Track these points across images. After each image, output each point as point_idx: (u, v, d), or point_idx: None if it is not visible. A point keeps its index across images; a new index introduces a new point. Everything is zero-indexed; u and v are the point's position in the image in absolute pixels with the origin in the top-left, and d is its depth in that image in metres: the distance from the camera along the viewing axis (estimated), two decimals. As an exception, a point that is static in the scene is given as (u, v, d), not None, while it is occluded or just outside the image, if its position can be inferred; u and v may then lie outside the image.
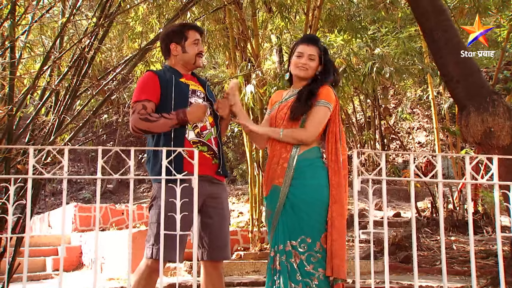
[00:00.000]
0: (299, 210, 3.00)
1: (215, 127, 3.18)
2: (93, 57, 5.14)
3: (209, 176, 3.05)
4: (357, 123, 14.28)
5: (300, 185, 3.04)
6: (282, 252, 2.99)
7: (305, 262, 2.95)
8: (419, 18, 4.49)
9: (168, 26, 3.96)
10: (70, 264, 7.85)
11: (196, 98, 3.14)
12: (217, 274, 3.11)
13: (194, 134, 3.05)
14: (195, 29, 3.24)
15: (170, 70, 3.20)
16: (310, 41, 3.26)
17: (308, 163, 3.08)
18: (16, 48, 4.74)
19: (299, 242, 2.97)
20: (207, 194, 3.02)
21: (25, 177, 2.25)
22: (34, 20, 4.85)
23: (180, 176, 2.24)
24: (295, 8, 7.88)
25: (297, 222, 3.00)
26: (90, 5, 5.50)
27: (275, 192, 3.09)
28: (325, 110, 3.09)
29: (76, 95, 5.06)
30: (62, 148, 2.57)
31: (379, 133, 13.00)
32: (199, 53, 3.21)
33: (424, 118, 15.51)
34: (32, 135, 5.07)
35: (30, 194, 2.23)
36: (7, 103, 4.68)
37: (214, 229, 3.09)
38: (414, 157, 2.19)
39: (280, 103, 3.28)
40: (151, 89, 3.05)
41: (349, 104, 13.09)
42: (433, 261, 7.05)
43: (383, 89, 13.43)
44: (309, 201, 3.01)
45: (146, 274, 2.87)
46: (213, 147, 3.12)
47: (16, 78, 4.77)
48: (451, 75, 4.26)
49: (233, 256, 7.44)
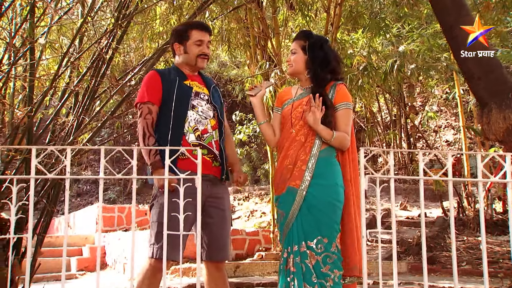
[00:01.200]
0: (317, 210, 2.94)
1: (217, 131, 3.13)
2: (111, 58, 5.17)
3: (210, 176, 3.02)
4: (383, 122, 14.09)
5: (318, 185, 2.97)
6: (297, 253, 2.93)
7: (321, 263, 2.90)
8: (439, 14, 4.38)
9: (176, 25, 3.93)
10: (94, 264, 7.89)
11: (199, 100, 3.10)
12: (219, 275, 3.07)
13: (194, 136, 3.01)
14: (199, 29, 3.15)
15: (175, 70, 3.17)
16: (295, 38, 3.25)
17: (326, 163, 3.02)
18: (36, 50, 4.80)
19: (316, 242, 2.92)
20: (208, 194, 2.98)
21: (27, 177, 2.23)
22: (53, 22, 4.88)
23: (183, 175, 2.20)
24: (316, 6, 7.80)
25: (314, 222, 2.94)
26: (109, 6, 5.51)
27: (291, 194, 3.02)
28: (350, 112, 3.09)
29: (94, 96, 5.09)
30: (74, 148, 2.57)
31: (405, 132, 12.80)
32: (201, 55, 3.14)
33: (452, 116, 15.21)
34: (52, 136, 5.13)
35: (33, 193, 2.22)
36: (27, 104, 4.74)
37: (214, 229, 3.04)
38: (431, 155, 2.11)
39: (292, 101, 3.21)
40: (154, 90, 3.04)
41: (374, 102, 12.93)
42: (459, 262, 6.88)
43: (409, 87, 13.23)
44: (328, 201, 2.95)
45: (149, 274, 2.85)
46: (214, 150, 3.07)
47: (36, 79, 4.82)
48: (472, 72, 4.14)
49: (255, 256, 7.41)
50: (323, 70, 3.11)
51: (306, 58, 3.15)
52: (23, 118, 4.56)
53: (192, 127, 3.02)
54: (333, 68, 3.16)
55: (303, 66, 3.16)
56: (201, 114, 3.07)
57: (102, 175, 2.28)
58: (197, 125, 3.03)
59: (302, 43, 3.16)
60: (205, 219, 3.00)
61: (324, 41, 3.23)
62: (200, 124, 3.05)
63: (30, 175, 2.24)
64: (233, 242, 7.50)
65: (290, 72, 3.24)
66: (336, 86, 3.11)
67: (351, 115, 3.10)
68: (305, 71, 3.17)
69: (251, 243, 7.71)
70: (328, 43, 3.28)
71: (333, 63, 3.16)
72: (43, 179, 4.42)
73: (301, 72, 3.19)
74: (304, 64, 3.15)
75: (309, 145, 3.05)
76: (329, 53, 3.19)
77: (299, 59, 3.16)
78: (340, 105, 3.07)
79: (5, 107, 4.77)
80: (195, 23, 3.28)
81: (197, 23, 3.30)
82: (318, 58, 3.13)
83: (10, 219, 2.17)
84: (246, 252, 7.62)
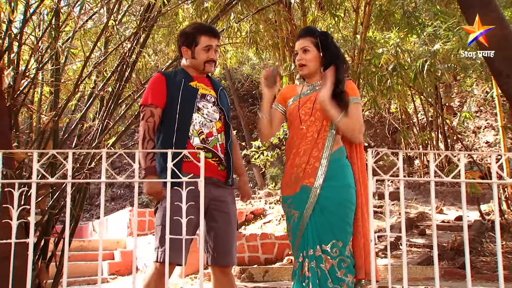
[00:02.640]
0: (330, 213, 2.84)
1: (222, 134, 3.07)
2: (135, 62, 5.19)
3: (213, 179, 2.96)
4: (419, 123, 13.74)
5: (331, 186, 2.87)
6: (312, 258, 2.83)
7: (336, 267, 2.80)
8: (465, 11, 4.25)
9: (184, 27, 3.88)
10: (126, 268, 7.95)
11: (205, 102, 3.05)
12: (226, 280, 3.00)
13: (199, 140, 2.96)
14: (208, 34, 3.09)
15: (181, 72, 3.13)
16: (301, 36, 3.12)
17: (338, 164, 2.93)
18: (60, 55, 4.85)
19: (331, 246, 2.81)
20: (211, 197, 2.92)
21: (29, 182, 2.21)
22: (78, 27, 4.92)
23: (186, 178, 2.14)
24: (345, 5, 7.66)
25: (328, 225, 2.83)
26: (132, 10, 5.54)
27: (305, 192, 2.90)
28: (360, 106, 2.99)
29: (119, 100, 5.12)
30: (76, 152, 2.56)
31: (442, 133, 12.45)
32: (209, 61, 3.09)
33: (492, 116, 14.73)
34: (78, 141, 5.18)
35: (34, 197, 2.19)
36: (52, 109, 4.79)
37: (219, 233, 2.98)
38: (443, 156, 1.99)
39: (299, 97, 3.10)
40: (158, 93, 3.00)
41: (409, 103, 12.63)
42: (495, 267, 6.62)
43: (446, 86, 12.87)
44: (341, 203, 2.85)
45: (155, 277, 2.80)
46: (219, 154, 3.01)
47: (60, 84, 4.87)
48: (500, 70, 3.98)
49: (284, 260, 7.32)
50: (340, 68, 3.00)
51: (320, 55, 3.04)
52: (48, 123, 4.61)
53: (197, 130, 2.97)
54: (346, 64, 3.10)
55: (319, 64, 3.06)
56: (206, 116, 3.02)
57: (104, 178, 2.25)
58: (202, 128, 2.98)
59: (313, 40, 3.05)
60: (209, 223, 2.97)
61: (329, 35, 3.14)
62: (205, 127, 2.99)
63: (32, 179, 2.22)
64: (262, 246, 7.43)
65: (306, 73, 3.11)
66: (344, 81, 3.01)
67: (360, 110, 3.00)
68: (319, 68, 3.07)
69: (280, 247, 7.61)
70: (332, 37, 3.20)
71: (345, 58, 3.11)
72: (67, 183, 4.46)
73: (316, 72, 3.09)
74: (319, 61, 3.05)
75: (322, 141, 2.94)
76: (338, 47, 3.12)
77: (313, 57, 3.05)
78: (350, 99, 2.97)
79: (33, 112, 4.84)
80: (203, 28, 3.18)
81: (206, 27, 3.20)
82: (333, 54, 3.03)
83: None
84: (276, 256, 7.53)
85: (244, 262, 6.98)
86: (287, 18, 7.41)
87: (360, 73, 6.51)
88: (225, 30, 6.28)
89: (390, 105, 13.49)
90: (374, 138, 15.03)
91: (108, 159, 2.21)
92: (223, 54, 7.88)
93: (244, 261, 7.01)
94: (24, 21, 4.42)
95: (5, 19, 4.39)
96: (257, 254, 7.18)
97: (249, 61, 14.13)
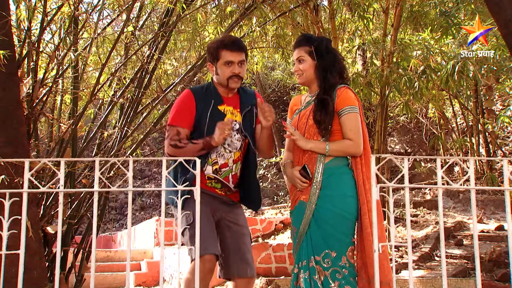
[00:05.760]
0: (324, 222, 2.80)
1: (239, 163, 3.02)
2: (154, 68, 5.10)
3: (224, 198, 2.98)
4: (458, 128, 13.27)
5: (327, 196, 2.83)
6: (306, 269, 2.80)
7: (329, 278, 2.73)
8: (493, 8, 3.97)
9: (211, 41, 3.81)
10: (152, 279, 7.81)
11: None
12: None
13: (211, 169, 2.93)
14: (229, 49, 2.95)
15: (212, 90, 3.04)
16: (296, 45, 3.06)
17: (334, 172, 2.86)
18: (79, 62, 4.80)
19: (323, 257, 2.77)
20: (222, 209, 2.94)
21: (20, 191, 2.16)
22: (96, 34, 4.87)
23: (181, 187, 2.17)
24: (374, 7, 7.42)
25: (321, 235, 2.79)
26: (151, 16, 5.45)
27: (301, 208, 2.90)
28: (356, 115, 2.89)
29: (138, 107, 5.03)
30: (69, 161, 2.45)
31: (484, 138, 11.98)
32: (232, 76, 2.95)
33: (537, 120, 14.10)
34: (99, 149, 5.12)
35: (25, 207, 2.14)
36: (70, 117, 4.74)
37: (230, 245, 2.95)
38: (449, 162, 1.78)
39: (299, 111, 3.07)
40: (187, 114, 2.95)
41: (447, 107, 12.23)
42: (539, 281, 6.22)
43: (487, 89, 12.40)
44: (335, 213, 2.80)
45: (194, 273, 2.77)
46: (229, 185, 2.98)
47: (78, 92, 4.82)
48: (530, 70, 3.71)
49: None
50: (332, 74, 2.94)
51: (315, 64, 2.97)
52: (66, 131, 4.56)
53: (212, 159, 2.94)
54: (341, 70, 3.00)
55: (314, 73, 2.98)
56: (227, 146, 2.97)
57: (97, 187, 2.19)
58: (218, 159, 2.95)
59: (308, 49, 2.98)
60: (221, 235, 2.95)
61: (328, 42, 3.05)
62: (221, 158, 2.96)
63: (23, 189, 2.18)
64: (290, 257, 7.19)
65: (301, 82, 3.07)
66: (336, 90, 2.91)
67: (356, 118, 2.88)
68: (316, 77, 3.00)
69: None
70: (331, 42, 3.12)
71: (341, 64, 3.01)
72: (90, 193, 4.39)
73: (313, 80, 3.02)
74: (314, 70, 2.98)
75: (315, 155, 2.90)
76: (336, 54, 3.03)
77: (309, 66, 2.99)
78: (342, 110, 2.88)
79: (52, 121, 4.80)
80: (225, 42, 3.02)
81: (227, 41, 3.03)
82: (328, 61, 2.96)
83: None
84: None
85: (271, 273, 6.76)
86: (314, 21, 7.23)
87: (387, 76, 6.26)
88: (248, 34, 6.13)
89: (427, 110, 13.09)
90: (411, 144, 14.61)
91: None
92: (250, 58, 7.72)
93: (271, 272, 6.79)
94: (42, 29, 4.39)
95: (23, 26, 4.37)
96: (285, 265, 6.91)
97: (279, 66, 13.97)
